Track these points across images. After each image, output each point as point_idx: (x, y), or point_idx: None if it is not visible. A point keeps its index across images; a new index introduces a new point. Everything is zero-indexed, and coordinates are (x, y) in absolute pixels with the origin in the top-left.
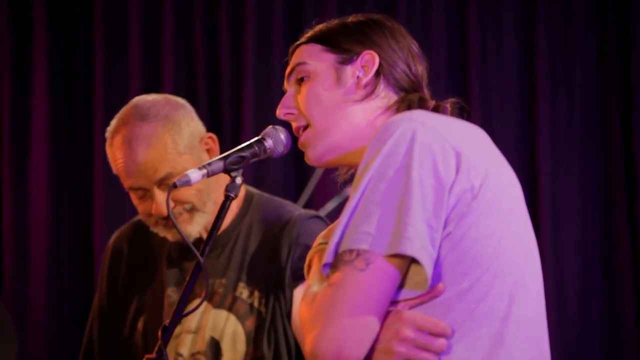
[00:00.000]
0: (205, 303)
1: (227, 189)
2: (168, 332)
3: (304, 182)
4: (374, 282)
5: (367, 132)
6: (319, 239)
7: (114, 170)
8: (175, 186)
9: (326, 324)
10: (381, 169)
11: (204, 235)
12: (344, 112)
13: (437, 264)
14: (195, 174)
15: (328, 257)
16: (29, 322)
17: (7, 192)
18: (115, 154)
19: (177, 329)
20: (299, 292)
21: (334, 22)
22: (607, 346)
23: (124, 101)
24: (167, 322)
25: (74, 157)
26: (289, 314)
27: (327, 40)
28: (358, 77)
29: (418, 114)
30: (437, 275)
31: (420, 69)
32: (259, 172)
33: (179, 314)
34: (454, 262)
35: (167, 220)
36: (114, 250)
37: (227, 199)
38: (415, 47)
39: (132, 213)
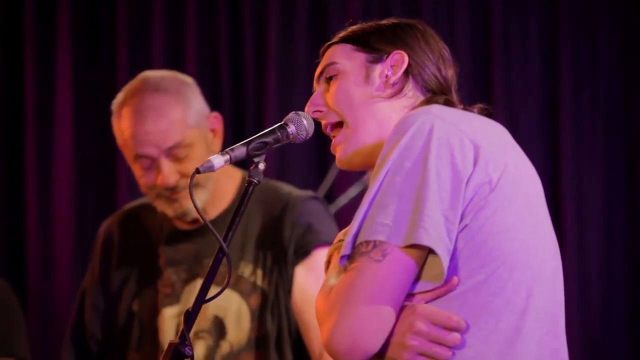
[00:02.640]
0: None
1: (250, 175)
2: (191, 318)
3: (326, 168)
4: (390, 273)
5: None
6: (338, 236)
7: (120, 142)
8: (198, 172)
9: (342, 315)
10: (399, 161)
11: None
12: (371, 108)
13: (454, 257)
14: (218, 159)
15: (346, 248)
16: (53, 308)
17: (32, 179)
18: (122, 125)
19: (178, 309)
20: (300, 270)
21: (368, 24)
22: (633, 335)
23: None
24: (190, 307)
25: (99, 145)
26: (290, 291)
27: (358, 40)
28: (387, 75)
29: (436, 108)
30: (453, 268)
31: (450, 73)
32: (282, 158)
33: (202, 299)
34: (470, 255)
35: (170, 193)
36: (104, 237)
37: (250, 185)
38: (446, 51)
39: None
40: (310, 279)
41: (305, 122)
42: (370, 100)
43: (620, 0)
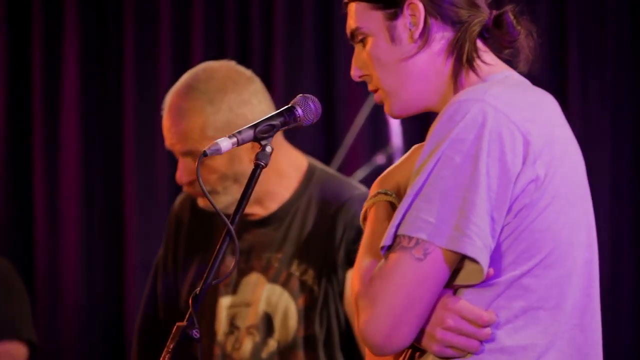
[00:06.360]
0: (259, 276)
1: (257, 158)
2: (199, 301)
3: (333, 150)
4: (430, 273)
5: (436, 78)
6: (375, 187)
7: None
8: (205, 154)
9: (380, 309)
10: (449, 153)
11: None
12: (408, 68)
13: (492, 250)
14: (225, 142)
15: (387, 239)
16: (61, 293)
17: (39, 167)
18: (163, 113)
19: (233, 300)
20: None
21: None
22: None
23: (154, 69)
24: (197, 290)
25: (106, 131)
26: (341, 295)
27: None
28: (410, 29)
29: (490, 95)
30: (490, 261)
31: None
32: (289, 141)
33: (209, 283)
34: (509, 250)
35: (187, 187)
36: (177, 215)
37: (257, 168)
38: None
39: (163, 179)
40: None
41: (312, 105)
42: (404, 62)
43: None
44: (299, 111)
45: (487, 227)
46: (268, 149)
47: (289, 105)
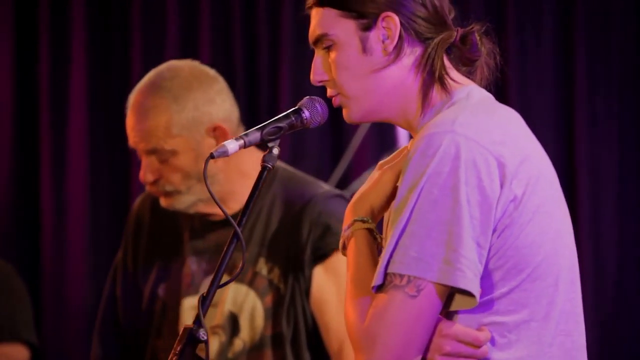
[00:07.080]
0: (224, 275)
1: (264, 160)
2: (206, 303)
3: (340, 154)
4: (425, 308)
5: (403, 92)
6: (350, 214)
7: None
8: (212, 157)
9: (380, 350)
10: (427, 188)
11: (200, 209)
12: (375, 79)
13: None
14: (232, 144)
15: (378, 279)
16: (67, 296)
17: (46, 169)
18: (127, 112)
19: (195, 300)
20: (319, 272)
21: None
22: None
23: None
24: (204, 292)
25: (113, 132)
26: (307, 292)
27: (341, 4)
28: (383, 42)
29: (459, 124)
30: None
31: (438, 1)
32: (296, 142)
33: (216, 285)
34: (495, 268)
35: (151, 189)
36: (137, 216)
37: (264, 170)
38: None
39: None
40: (330, 282)
41: (319, 107)
42: (372, 74)
43: None
44: (306, 113)
45: (475, 255)
46: (275, 151)
47: (296, 108)
